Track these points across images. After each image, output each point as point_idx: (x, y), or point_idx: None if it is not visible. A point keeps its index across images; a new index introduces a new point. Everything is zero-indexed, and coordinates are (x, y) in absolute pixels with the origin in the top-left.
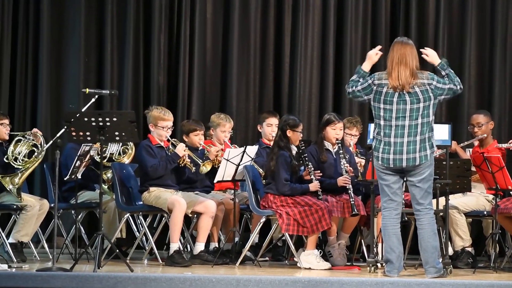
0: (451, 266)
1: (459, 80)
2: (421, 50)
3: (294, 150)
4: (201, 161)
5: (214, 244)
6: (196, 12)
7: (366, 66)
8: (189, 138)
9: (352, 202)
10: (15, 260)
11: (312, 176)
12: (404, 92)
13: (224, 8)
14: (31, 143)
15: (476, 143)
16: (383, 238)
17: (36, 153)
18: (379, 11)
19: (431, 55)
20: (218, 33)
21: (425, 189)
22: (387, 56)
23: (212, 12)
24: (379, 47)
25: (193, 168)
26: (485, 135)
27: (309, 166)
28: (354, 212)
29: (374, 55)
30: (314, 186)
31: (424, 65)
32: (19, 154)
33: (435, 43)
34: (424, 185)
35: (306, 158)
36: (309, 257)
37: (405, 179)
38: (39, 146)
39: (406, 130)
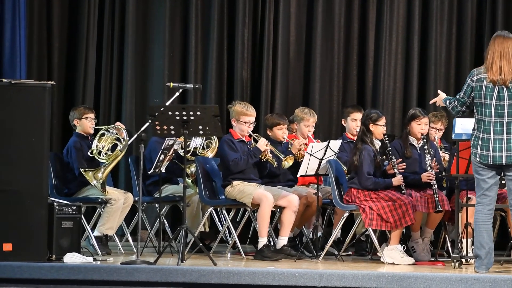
0: None
1: None
2: None
3: (378, 144)
4: (283, 156)
5: (290, 234)
6: (280, 6)
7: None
8: (272, 132)
9: (436, 199)
10: (100, 253)
11: (396, 170)
12: (503, 87)
13: (308, 1)
14: (114, 137)
15: None
16: (474, 233)
17: (119, 147)
18: (465, 4)
19: None
20: (301, 27)
21: None
22: (487, 49)
23: (296, 6)
24: None
25: (275, 163)
26: None
27: (392, 160)
28: (438, 209)
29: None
30: (397, 180)
31: None
32: (102, 148)
33: None
34: None
35: (390, 152)
36: (393, 252)
37: (502, 174)
38: (122, 139)
39: (504, 127)
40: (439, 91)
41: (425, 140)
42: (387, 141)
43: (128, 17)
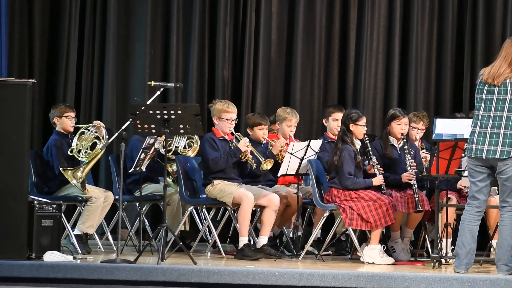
0: None
1: None
2: None
3: (358, 144)
4: (263, 159)
5: (270, 234)
6: (262, 5)
7: None
8: (253, 132)
9: (416, 199)
10: (80, 252)
11: (376, 170)
12: (495, 83)
13: (289, 1)
14: (93, 136)
15: None
16: (459, 231)
17: (98, 145)
18: (446, 5)
19: None
20: (283, 27)
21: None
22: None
23: (277, 5)
24: None
25: (254, 164)
26: None
27: (372, 160)
28: (418, 209)
29: None
30: (378, 180)
31: None
32: (82, 146)
33: (502, 38)
34: (511, 183)
35: (370, 152)
36: (373, 252)
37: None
38: (101, 138)
39: (490, 121)
40: None
41: (405, 140)
42: (367, 141)
43: (109, 15)
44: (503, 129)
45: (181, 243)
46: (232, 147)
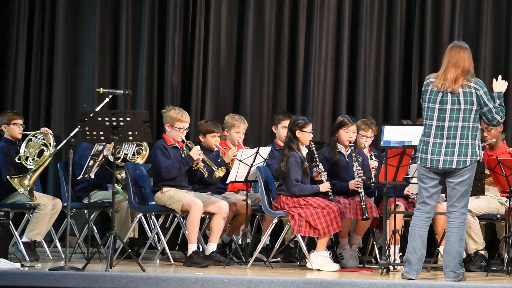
0: (464, 269)
1: (504, 115)
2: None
3: (305, 151)
4: (215, 167)
5: (219, 241)
6: (211, 12)
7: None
8: (205, 139)
9: (363, 206)
10: (28, 259)
11: (323, 177)
12: (448, 91)
13: (239, 8)
14: (41, 142)
15: (487, 146)
16: (409, 237)
17: (45, 152)
18: (394, 11)
19: (499, 83)
20: (232, 34)
21: (462, 192)
22: (443, 57)
23: (226, 13)
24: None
25: (206, 172)
26: (494, 139)
27: (319, 167)
28: (365, 217)
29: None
30: (325, 186)
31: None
32: (30, 153)
33: (450, 43)
34: (461, 188)
35: (317, 159)
36: (319, 258)
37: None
38: (48, 145)
39: (445, 131)
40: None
41: (353, 147)
42: (313, 148)
43: (58, 22)
44: (459, 139)
45: (129, 250)
46: (183, 155)
